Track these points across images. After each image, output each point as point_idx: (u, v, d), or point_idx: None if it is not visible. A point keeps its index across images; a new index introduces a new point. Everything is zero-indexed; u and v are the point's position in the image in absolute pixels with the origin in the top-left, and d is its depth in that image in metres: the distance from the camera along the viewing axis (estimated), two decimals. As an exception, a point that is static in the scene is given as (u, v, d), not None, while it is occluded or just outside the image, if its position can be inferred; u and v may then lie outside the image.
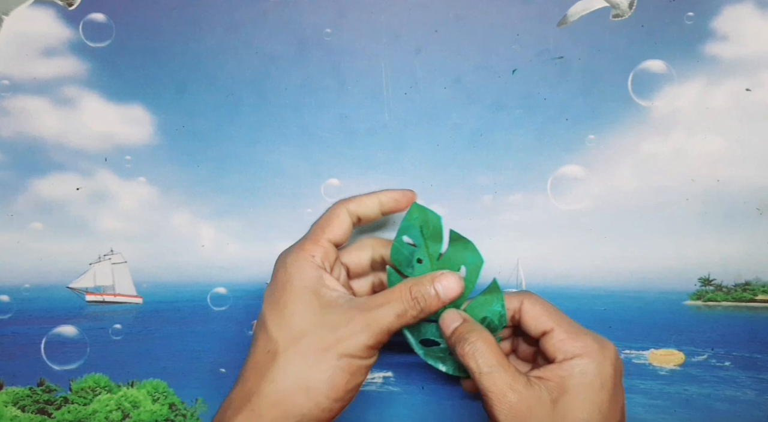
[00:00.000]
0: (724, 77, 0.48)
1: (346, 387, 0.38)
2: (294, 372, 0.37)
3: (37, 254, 0.51)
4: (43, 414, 0.51)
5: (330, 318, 0.38)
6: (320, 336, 0.38)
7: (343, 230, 0.42)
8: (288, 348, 0.38)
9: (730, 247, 0.49)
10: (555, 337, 0.39)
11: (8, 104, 0.50)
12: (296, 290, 0.39)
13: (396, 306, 0.38)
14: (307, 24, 0.49)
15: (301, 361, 0.37)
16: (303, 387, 0.37)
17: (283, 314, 0.39)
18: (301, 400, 0.37)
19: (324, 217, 0.43)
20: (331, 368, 0.37)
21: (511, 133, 0.50)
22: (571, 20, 0.49)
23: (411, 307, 0.39)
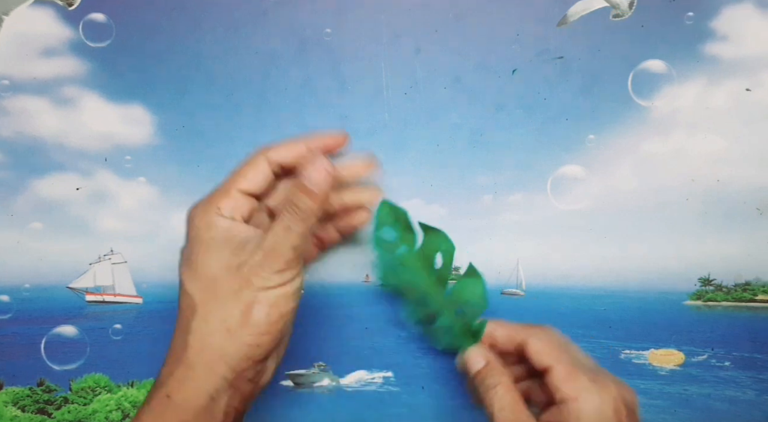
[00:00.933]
0: (724, 77, 0.48)
1: (268, 319, 0.37)
2: (213, 317, 0.37)
3: (37, 254, 0.51)
4: (43, 414, 0.51)
5: (239, 258, 0.38)
6: (232, 278, 0.37)
7: (259, 179, 0.40)
8: (204, 298, 0.38)
9: (730, 247, 0.49)
10: (554, 376, 0.39)
11: (8, 104, 0.50)
12: (204, 242, 0.38)
13: (281, 223, 0.38)
14: (307, 24, 0.49)
15: (218, 306, 0.37)
16: (224, 329, 0.37)
17: (195, 269, 0.38)
18: (223, 341, 0.37)
19: (239, 165, 0.41)
20: (246, 305, 0.37)
21: (511, 133, 0.50)
22: (571, 20, 0.49)
23: (293, 215, 0.38)
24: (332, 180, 0.38)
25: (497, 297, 0.50)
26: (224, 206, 0.39)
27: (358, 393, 0.50)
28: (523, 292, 0.50)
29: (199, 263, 0.38)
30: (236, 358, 0.37)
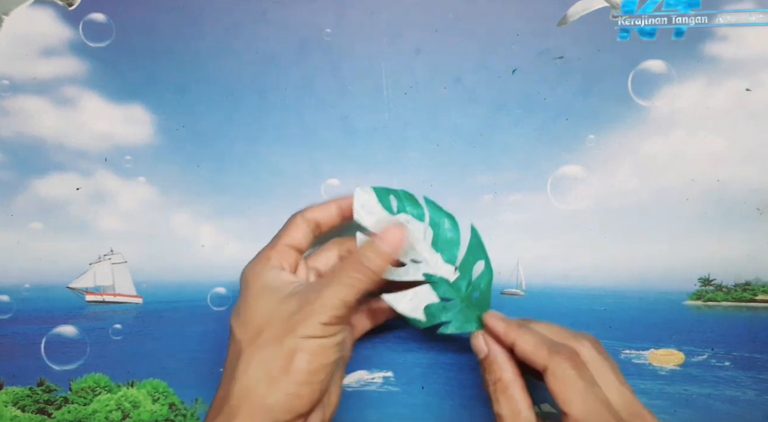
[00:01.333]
0: (724, 77, 0.48)
1: (309, 369, 0.37)
2: (255, 365, 0.37)
3: (37, 254, 0.51)
4: (43, 414, 0.51)
5: (286, 307, 0.38)
6: (277, 325, 0.38)
7: (300, 234, 0.42)
8: (249, 344, 0.38)
9: (730, 247, 0.49)
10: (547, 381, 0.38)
11: (8, 104, 0.50)
12: (254, 291, 0.40)
13: (343, 276, 0.38)
14: (307, 24, 0.49)
15: (261, 353, 0.38)
16: (264, 378, 0.37)
17: (244, 317, 0.39)
18: (265, 388, 0.37)
19: (281, 228, 0.43)
20: (288, 352, 0.37)
21: (511, 133, 0.50)
22: (571, 20, 0.49)
23: (358, 272, 0.38)
24: (404, 249, 0.40)
25: (497, 297, 0.50)
26: (273, 256, 0.41)
27: (358, 393, 0.50)
28: (523, 292, 0.50)
29: (248, 310, 0.39)
30: (276, 408, 0.37)
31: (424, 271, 0.43)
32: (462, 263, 0.44)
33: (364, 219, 0.43)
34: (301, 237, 0.43)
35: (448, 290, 0.43)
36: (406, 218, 0.43)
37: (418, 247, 0.42)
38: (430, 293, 0.42)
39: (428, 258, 0.43)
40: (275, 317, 0.38)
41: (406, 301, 0.42)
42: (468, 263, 0.44)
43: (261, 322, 0.38)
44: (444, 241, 0.43)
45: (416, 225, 0.43)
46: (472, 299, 0.43)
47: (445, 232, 0.43)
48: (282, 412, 0.37)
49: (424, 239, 0.43)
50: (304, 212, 0.43)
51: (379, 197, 0.44)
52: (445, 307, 0.43)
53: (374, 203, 0.43)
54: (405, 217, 0.43)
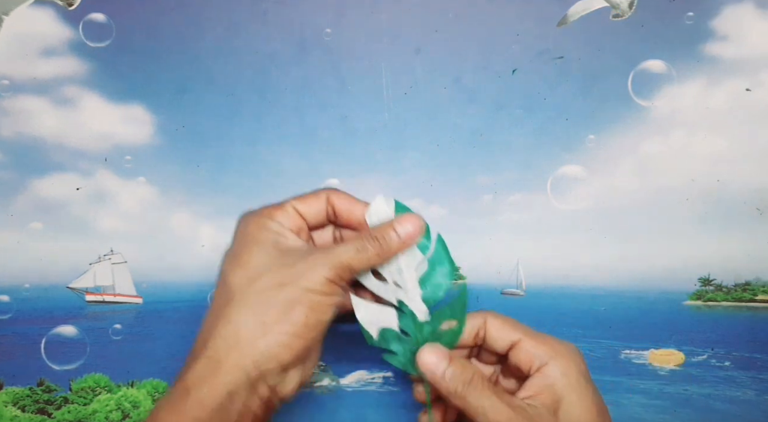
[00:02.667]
0: (724, 77, 0.48)
1: (306, 322, 0.36)
2: (250, 308, 0.36)
3: (37, 254, 0.51)
4: (43, 414, 0.51)
5: (288, 258, 0.37)
6: (278, 272, 0.37)
7: (314, 207, 0.41)
8: (244, 288, 0.37)
9: (730, 247, 0.49)
10: (524, 346, 0.38)
11: (8, 104, 0.50)
12: (255, 240, 0.39)
13: (356, 242, 0.38)
14: (307, 24, 0.49)
15: (257, 297, 0.37)
16: (259, 322, 0.36)
17: (239, 262, 0.38)
18: (257, 336, 0.36)
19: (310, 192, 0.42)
20: (288, 301, 0.36)
21: (511, 133, 0.50)
22: (571, 20, 0.49)
23: (371, 244, 0.38)
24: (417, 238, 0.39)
25: (497, 297, 0.50)
26: (277, 216, 0.40)
27: (358, 393, 0.50)
28: (523, 292, 0.50)
29: (245, 256, 0.38)
30: (264, 355, 0.36)
31: (399, 297, 0.41)
32: (437, 313, 0.41)
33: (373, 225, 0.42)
34: (314, 209, 0.41)
35: (411, 326, 0.41)
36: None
37: (405, 274, 0.41)
38: (392, 319, 0.41)
39: (410, 289, 0.41)
40: (276, 264, 0.37)
41: (368, 313, 0.41)
42: (443, 314, 0.41)
43: (259, 268, 0.37)
44: (432, 283, 0.42)
45: (415, 254, 0.41)
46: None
47: (439, 276, 0.42)
48: (269, 360, 0.36)
49: (415, 270, 0.41)
50: (332, 191, 0.41)
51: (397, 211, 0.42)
52: (400, 339, 0.41)
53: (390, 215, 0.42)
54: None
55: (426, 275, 0.41)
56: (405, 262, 0.41)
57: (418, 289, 0.41)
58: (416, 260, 0.41)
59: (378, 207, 0.42)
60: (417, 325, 0.41)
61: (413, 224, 0.39)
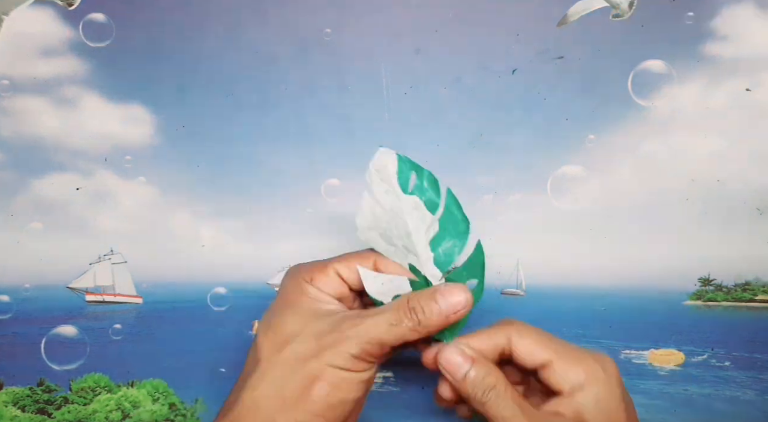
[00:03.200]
0: (724, 77, 0.48)
1: (327, 401, 0.34)
2: (273, 379, 0.35)
3: (37, 254, 0.51)
4: (43, 414, 0.51)
5: (319, 326, 0.35)
6: (305, 343, 0.35)
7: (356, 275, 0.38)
8: (271, 355, 0.35)
9: (730, 247, 0.49)
10: (555, 368, 0.36)
11: (8, 104, 0.50)
12: (288, 304, 0.37)
13: (390, 314, 0.35)
14: (307, 24, 0.49)
15: (282, 369, 0.35)
16: (279, 396, 0.34)
17: (271, 322, 0.36)
18: (275, 411, 0.34)
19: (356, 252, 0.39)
20: (310, 378, 0.34)
21: (511, 133, 0.50)
22: (571, 20, 0.49)
23: (407, 317, 0.35)
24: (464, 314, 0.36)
25: (497, 297, 0.50)
26: (318, 280, 0.37)
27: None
28: (523, 292, 0.50)
29: (277, 318, 0.36)
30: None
31: (410, 262, 0.39)
32: (453, 275, 0.39)
33: (374, 184, 0.39)
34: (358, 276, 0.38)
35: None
36: (416, 203, 0.39)
37: (415, 237, 0.38)
38: (405, 286, 0.38)
39: (421, 253, 0.39)
40: (305, 333, 0.35)
41: (378, 283, 0.38)
42: (460, 276, 0.39)
43: (288, 335, 0.35)
44: (445, 245, 0.39)
45: (424, 214, 0.39)
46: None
47: (451, 237, 0.39)
48: None
49: (426, 232, 0.39)
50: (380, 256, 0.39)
51: (400, 166, 0.39)
52: None
53: (392, 171, 0.39)
54: (415, 201, 0.39)
55: (437, 237, 0.39)
56: (413, 225, 0.38)
57: (430, 253, 0.39)
58: (426, 223, 0.39)
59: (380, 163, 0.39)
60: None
61: (458, 295, 0.35)
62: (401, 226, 0.38)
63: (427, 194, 0.39)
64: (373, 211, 0.39)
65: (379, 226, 0.39)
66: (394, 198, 0.39)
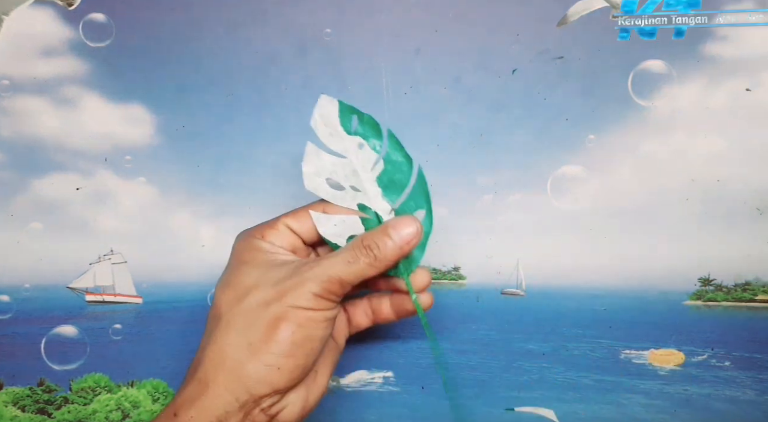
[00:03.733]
0: (724, 77, 0.48)
1: (293, 340, 0.35)
2: (237, 329, 0.35)
3: (37, 254, 0.51)
4: (43, 414, 0.51)
5: (277, 274, 0.36)
6: (265, 291, 0.35)
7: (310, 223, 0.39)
8: (232, 307, 0.36)
9: (730, 247, 0.49)
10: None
11: (8, 104, 0.50)
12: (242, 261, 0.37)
13: (346, 253, 0.36)
14: (307, 24, 0.49)
15: (244, 317, 0.35)
16: (244, 344, 0.35)
17: (228, 283, 0.37)
18: (243, 357, 0.35)
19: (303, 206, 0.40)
20: (274, 320, 0.35)
21: (511, 133, 0.50)
22: (571, 20, 0.49)
23: (363, 254, 0.36)
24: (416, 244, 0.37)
25: (497, 297, 0.50)
26: (269, 235, 0.39)
27: (358, 393, 0.51)
28: (524, 292, 0.50)
29: (233, 276, 0.37)
30: (253, 378, 0.34)
31: (359, 201, 0.40)
32: (401, 207, 0.41)
33: (319, 129, 0.40)
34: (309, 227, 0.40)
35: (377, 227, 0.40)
36: (359, 142, 0.41)
37: (362, 175, 0.40)
38: (357, 225, 0.40)
39: (368, 189, 0.40)
40: (263, 281, 0.36)
41: (331, 225, 0.40)
42: (408, 207, 0.41)
43: (248, 287, 0.36)
44: (390, 179, 0.41)
45: (368, 153, 0.40)
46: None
47: (396, 172, 0.41)
48: (259, 384, 0.34)
49: (371, 170, 0.40)
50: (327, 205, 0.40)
51: (341, 110, 0.41)
52: None
53: (335, 116, 0.41)
54: (359, 141, 0.41)
55: (383, 173, 0.41)
56: (359, 163, 0.40)
57: (378, 188, 0.40)
58: (371, 161, 0.40)
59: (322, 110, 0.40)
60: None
61: (409, 226, 0.37)
62: (347, 165, 0.40)
63: (369, 136, 0.41)
64: (319, 156, 0.40)
65: (325, 169, 0.40)
66: (339, 140, 0.40)
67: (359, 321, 0.43)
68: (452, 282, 0.51)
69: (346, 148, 0.41)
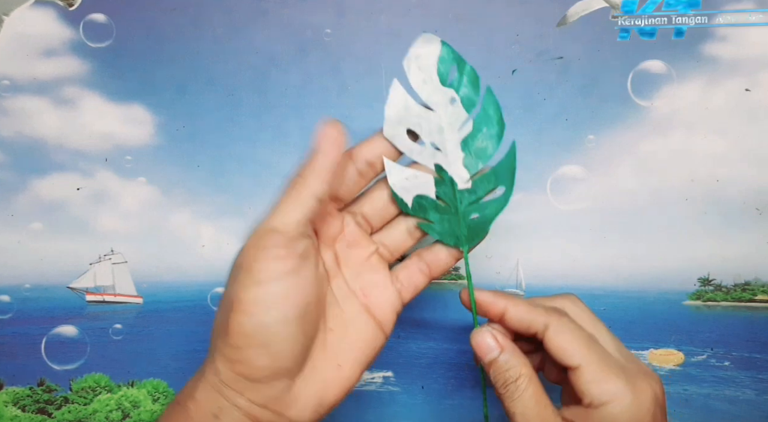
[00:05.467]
0: (723, 77, 0.48)
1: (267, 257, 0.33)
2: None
3: (38, 254, 0.51)
4: (43, 414, 0.51)
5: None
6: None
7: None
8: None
9: (730, 247, 0.49)
10: (582, 377, 0.34)
11: (8, 104, 0.50)
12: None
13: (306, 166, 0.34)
14: (307, 24, 0.49)
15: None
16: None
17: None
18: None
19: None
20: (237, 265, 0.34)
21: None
22: (571, 20, 0.49)
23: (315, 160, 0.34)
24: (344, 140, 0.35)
25: (497, 297, 0.50)
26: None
27: (358, 393, 0.51)
28: (523, 292, 0.50)
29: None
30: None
31: (438, 161, 0.37)
32: (480, 179, 0.37)
33: (412, 71, 0.37)
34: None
35: (449, 194, 0.37)
36: (452, 96, 0.37)
37: (447, 134, 0.36)
38: (429, 186, 0.37)
39: (450, 151, 0.37)
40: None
41: (402, 178, 0.37)
42: (488, 181, 0.37)
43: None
44: (477, 146, 0.37)
45: (459, 111, 0.36)
46: (468, 217, 0.38)
47: (485, 138, 0.37)
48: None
49: (458, 131, 0.37)
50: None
51: (443, 55, 0.37)
52: (437, 208, 0.37)
53: (433, 60, 0.37)
54: (452, 94, 0.37)
55: (470, 136, 0.37)
56: (447, 120, 0.37)
57: (460, 152, 0.37)
58: (460, 120, 0.37)
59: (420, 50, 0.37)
60: (457, 193, 0.37)
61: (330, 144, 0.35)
62: (434, 120, 0.37)
63: (466, 90, 0.37)
64: (406, 102, 0.37)
65: (409, 119, 0.37)
66: (431, 89, 0.37)
67: (417, 281, 0.39)
68: (452, 282, 0.51)
69: (437, 101, 0.37)
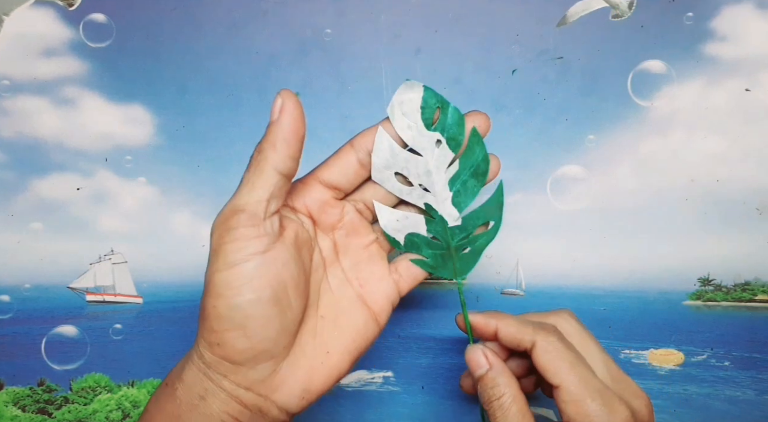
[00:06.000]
0: (723, 77, 0.48)
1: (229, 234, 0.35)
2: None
3: (37, 254, 0.51)
4: (43, 414, 0.51)
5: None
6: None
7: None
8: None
9: (729, 247, 0.49)
10: (560, 396, 0.34)
11: (8, 104, 0.50)
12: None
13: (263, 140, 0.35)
14: (307, 24, 0.49)
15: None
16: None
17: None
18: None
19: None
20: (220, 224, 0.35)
21: (511, 133, 0.50)
22: (571, 20, 0.49)
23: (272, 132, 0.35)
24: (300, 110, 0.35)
25: (497, 297, 0.50)
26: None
27: (358, 393, 0.51)
28: (523, 292, 0.50)
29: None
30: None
31: (427, 201, 0.38)
32: (470, 215, 0.39)
33: (396, 118, 0.37)
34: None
35: (441, 231, 0.38)
36: (437, 138, 0.37)
37: (434, 176, 0.37)
38: (420, 224, 0.38)
39: (439, 191, 0.38)
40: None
41: (392, 219, 0.38)
42: (477, 217, 0.39)
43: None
44: (465, 185, 0.38)
45: (445, 152, 0.37)
46: (460, 252, 0.39)
47: (471, 176, 0.38)
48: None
49: (445, 171, 0.37)
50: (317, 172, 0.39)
51: (426, 100, 0.37)
52: (429, 244, 0.38)
53: (416, 105, 0.37)
54: (437, 137, 0.37)
55: (456, 175, 0.38)
56: (434, 163, 0.37)
57: (448, 192, 0.38)
58: (446, 160, 0.37)
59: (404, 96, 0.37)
60: (447, 230, 0.38)
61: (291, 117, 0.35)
62: (421, 163, 0.37)
63: (451, 131, 0.38)
64: (391, 148, 0.37)
65: (396, 164, 0.37)
66: (416, 134, 0.37)
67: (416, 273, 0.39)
68: (452, 282, 0.51)
69: (423, 145, 0.37)
